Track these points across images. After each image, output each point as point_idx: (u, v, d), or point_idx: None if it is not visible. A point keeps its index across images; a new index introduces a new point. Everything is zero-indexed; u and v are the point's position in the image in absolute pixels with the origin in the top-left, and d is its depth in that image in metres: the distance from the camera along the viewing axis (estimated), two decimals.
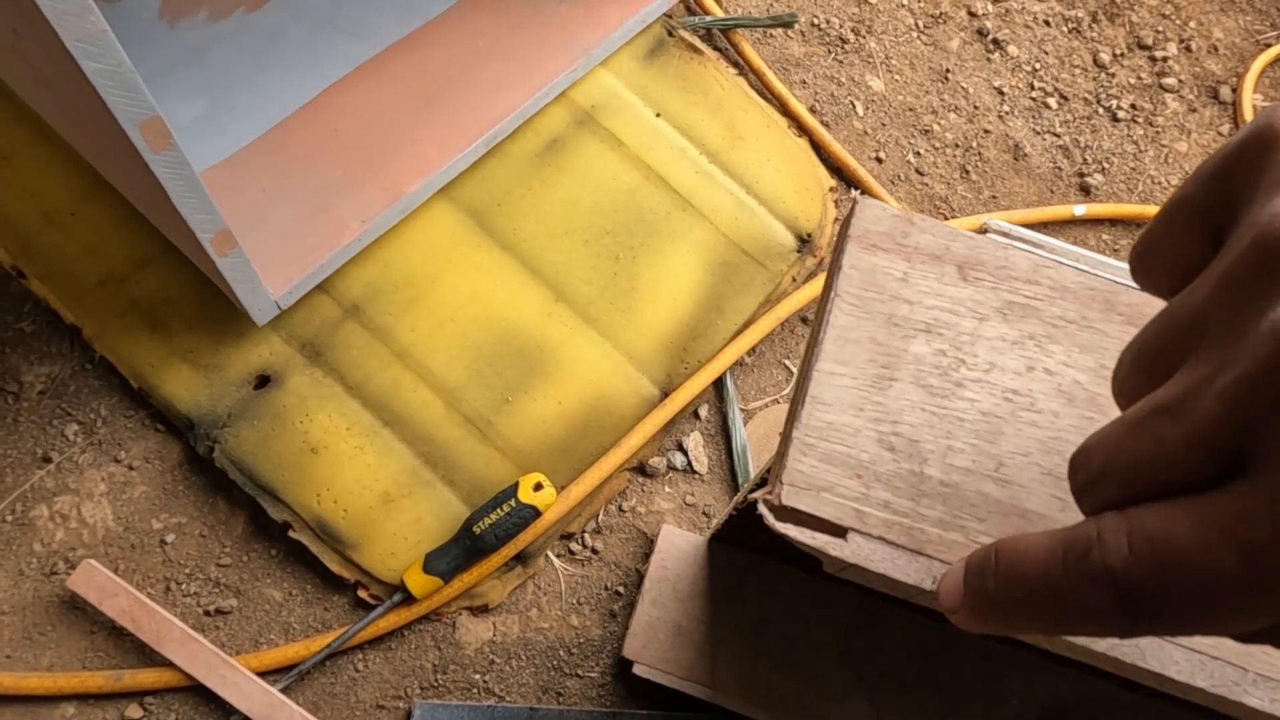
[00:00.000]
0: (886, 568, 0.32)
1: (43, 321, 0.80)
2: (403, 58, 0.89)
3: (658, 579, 0.72)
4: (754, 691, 0.69)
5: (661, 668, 0.69)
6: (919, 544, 0.33)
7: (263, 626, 0.74)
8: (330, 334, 0.80)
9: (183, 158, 0.57)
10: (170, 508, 0.76)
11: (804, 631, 0.70)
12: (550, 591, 0.77)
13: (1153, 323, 0.25)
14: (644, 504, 0.81)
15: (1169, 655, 0.32)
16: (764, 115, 0.96)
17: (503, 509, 0.73)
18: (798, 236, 0.90)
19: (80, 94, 0.52)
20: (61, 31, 0.46)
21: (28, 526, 0.74)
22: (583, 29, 0.91)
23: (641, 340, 0.83)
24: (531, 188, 0.88)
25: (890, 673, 0.69)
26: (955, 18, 1.09)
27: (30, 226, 0.80)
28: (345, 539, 0.74)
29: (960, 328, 0.38)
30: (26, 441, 0.76)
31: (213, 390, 0.77)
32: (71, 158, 0.82)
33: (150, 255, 0.81)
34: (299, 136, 0.83)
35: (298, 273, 0.76)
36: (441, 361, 0.80)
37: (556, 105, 0.91)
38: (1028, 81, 1.06)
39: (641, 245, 0.87)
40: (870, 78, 1.04)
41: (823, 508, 0.33)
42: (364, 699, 0.72)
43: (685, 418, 0.85)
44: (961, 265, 0.39)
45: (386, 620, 0.73)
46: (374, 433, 0.77)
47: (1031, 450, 0.35)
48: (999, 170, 1.00)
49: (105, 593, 0.70)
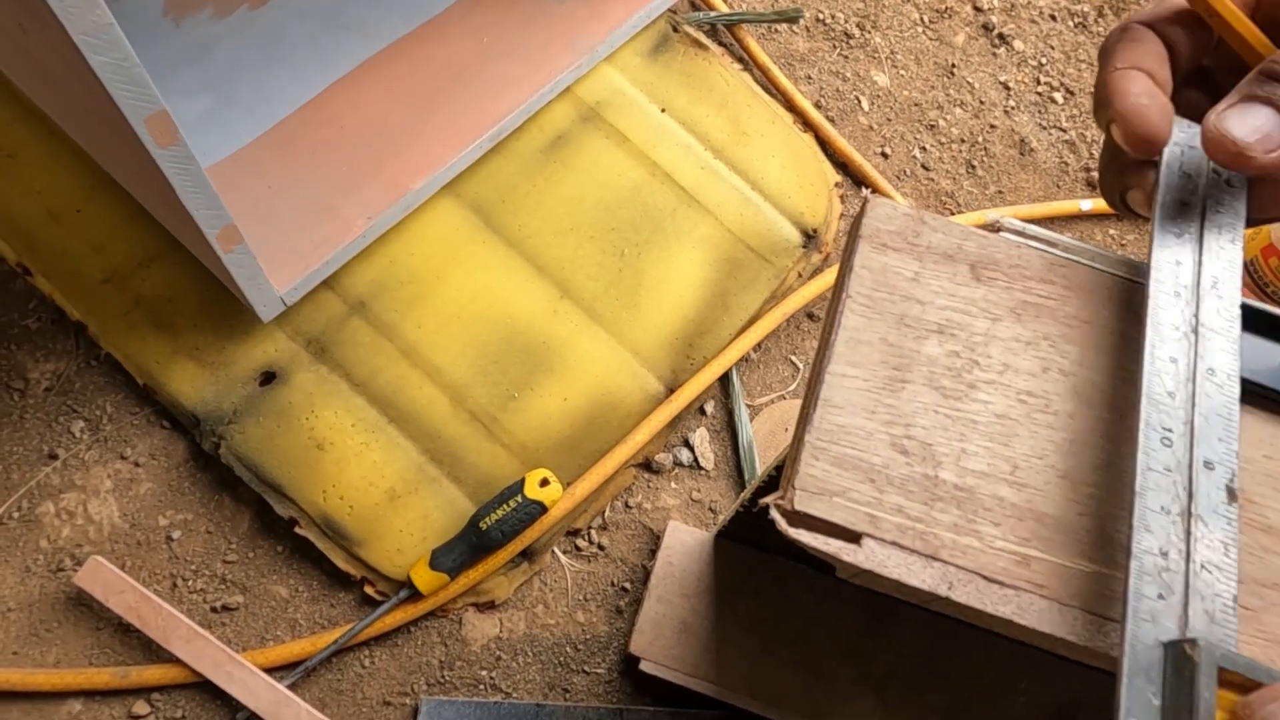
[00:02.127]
0: (901, 574, 0.32)
1: (48, 318, 0.80)
2: (407, 54, 0.88)
3: (664, 575, 0.72)
4: (760, 688, 0.69)
5: (668, 664, 0.70)
6: (933, 549, 0.33)
7: (269, 623, 0.74)
8: (336, 330, 0.80)
9: (189, 153, 0.56)
10: (176, 504, 0.76)
11: (811, 628, 0.70)
12: (556, 588, 0.77)
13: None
14: (650, 500, 0.81)
15: None
16: (769, 111, 0.95)
17: (509, 505, 0.72)
18: (803, 232, 0.90)
19: (86, 89, 0.52)
20: (68, 25, 0.46)
21: (34, 523, 0.74)
22: (587, 25, 0.91)
23: (647, 336, 0.83)
24: (536, 184, 0.87)
25: (899, 671, 0.69)
26: (960, 12, 1.08)
27: (35, 223, 0.80)
28: (351, 535, 0.74)
29: (973, 328, 0.37)
30: (32, 438, 0.76)
31: (218, 387, 0.77)
32: (77, 154, 0.82)
33: (156, 252, 0.81)
34: (304, 133, 0.83)
35: (303, 269, 0.76)
36: (447, 358, 0.80)
37: (561, 101, 0.91)
38: (1033, 76, 1.06)
39: (647, 241, 0.87)
40: (875, 73, 1.03)
41: (835, 513, 0.33)
42: (370, 695, 0.72)
43: (691, 414, 0.84)
44: (974, 265, 0.39)
45: (393, 617, 0.73)
46: (380, 429, 0.77)
47: (1047, 453, 0.35)
48: (1005, 165, 1.00)
49: (111, 589, 0.70)
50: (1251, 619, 0.33)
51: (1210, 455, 0.32)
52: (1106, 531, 0.34)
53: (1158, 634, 0.29)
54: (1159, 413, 0.32)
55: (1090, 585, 0.33)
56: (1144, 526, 0.31)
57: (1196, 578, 0.30)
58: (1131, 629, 0.29)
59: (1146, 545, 0.30)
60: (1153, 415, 0.32)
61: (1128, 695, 0.28)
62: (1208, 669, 0.27)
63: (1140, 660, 0.28)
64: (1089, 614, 0.33)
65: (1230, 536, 0.31)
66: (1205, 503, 0.31)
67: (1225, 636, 0.29)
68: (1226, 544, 0.31)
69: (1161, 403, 0.33)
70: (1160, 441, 0.32)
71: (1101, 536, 0.34)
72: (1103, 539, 0.34)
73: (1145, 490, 0.31)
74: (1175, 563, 0.30)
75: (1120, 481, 0.35)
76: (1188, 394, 0.33)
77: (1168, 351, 0.33)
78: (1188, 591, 0.30)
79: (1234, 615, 0.30)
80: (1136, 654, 0.29)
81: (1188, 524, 0.31)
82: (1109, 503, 0.35)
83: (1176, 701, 0.27)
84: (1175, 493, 0.31)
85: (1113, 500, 0.35)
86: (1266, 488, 0.35)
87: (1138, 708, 0.28)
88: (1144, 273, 0.38)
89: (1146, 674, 0.28)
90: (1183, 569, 0.30)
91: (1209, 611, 0.29)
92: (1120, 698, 0.28)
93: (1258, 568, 0.34)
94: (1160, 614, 0.29)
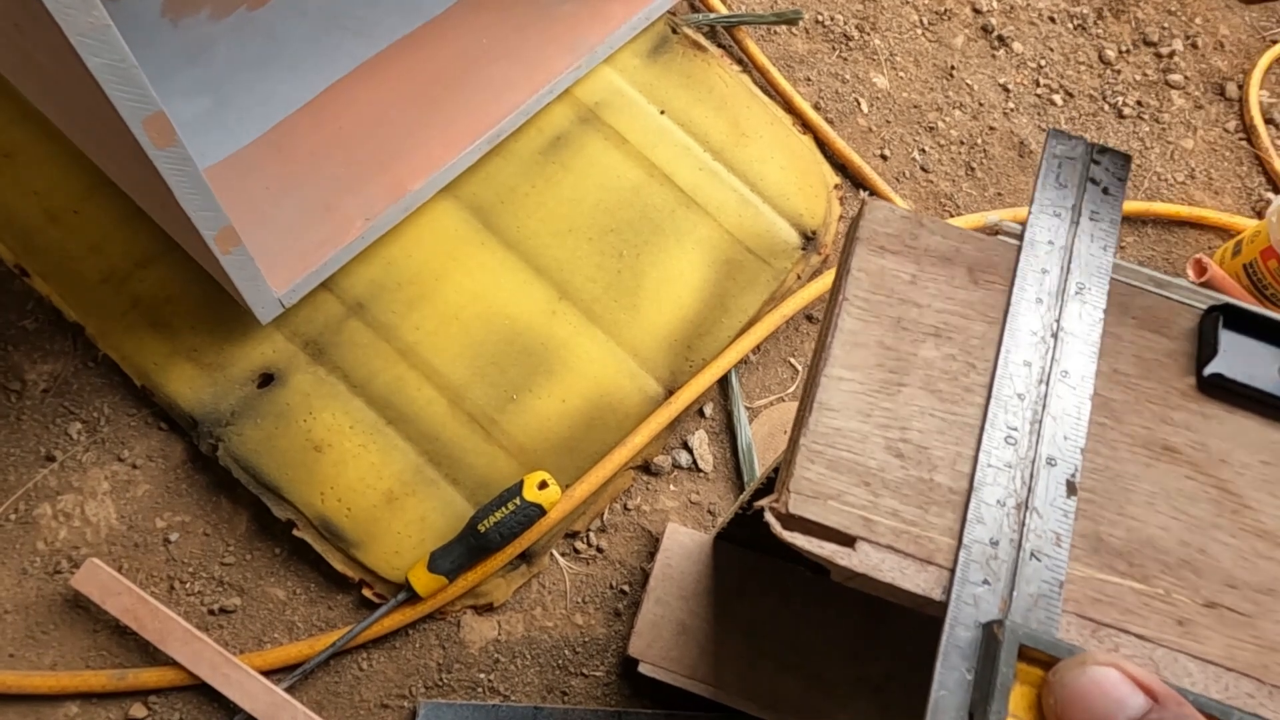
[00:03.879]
0: (895, 577, 0.32)
1: (45, 319, 0.80)
2: (406, 55, 0.88)
3: (663, 577, 0.72)
4: (759, 691, 0.69)
5: (666, 666, 0.69)
6: (928, 553, 0.33)
7: (266, 625, 0.74)
8: (334, 332, 0.80)
9: (186, 154, 0.56)
10: (174, 506, 0.76)
11: (809, 631, 0.70)
12: (555, 590, 0.77)
13: None
14: (649, 502, 0.81)
15: (1183, 667, 0.31)
16: (768, 112, 0.95)
17: (507, 507, 0.72)
18: (802, 234, 0.90)
19: (83, 90, 0.52)
20: (65, 26, 0.46)
21: (31, 525, 0.74)
22: (586, 26, 0.91)
23: (646, 338, 0.83)
24: (535, 185, 0.87)
25: (896, 674, 0.69)
26: (960, 14, 1.08)
27: (33, 224, 0.80)
28: (349, 538, 0.74)
29: (970, 331, 0.37)
30: (29, 440, 0.76)
31: (216, 388, 0.77)
32: (74, 155, 0.82)
33: (153, 253, 0.81)
34: (302, 134, 0.83)
35: (301, 270, 0.76)
36: (445, 359, 0.80)
37: (560, 103, 0.91)
38: (1033, 78, 1.06)
39: (646, 243, 0.87)
40: (875, 74, 1.03)
41: (830, 516, 0.33)
42: (368, 698, 0.72)
43: (690, 416, 0.84)
44: (972, 268, 0.39)
45: (391, 619, 0.73)
46: (378, 431, 0.77)
47: None
48: (1004, 167, 1.00)
49: (108, 591, 0.70)
50: (1246, 624, 0.33)
51: (1054, 453, 0.34)
52: (1102, 538, 0.34)
53: (978, 616, 0.31)
54: (1005, 413, 0.35)
55: (1082, 592, 0.33)
56: (977, 519, 0.33)
57: (1025, 565, 0.32)
58: (953, 612, 0.31)
59: (977, 535, 0.32)
60: (998, 415, 0.35)
61: (942, 670, 0.30)
62: (1009, 646, 0.29)
63: (958, 640, 0.31)
64: (1081, 618, 0.32)
65: (1065, 528, 0.33)
66: (1043, 496, 0.33)
67: (1047, 619, 0.31)
68: (1060, 534, 0.33)
69: (1009, 403, 0.35)
70: (1004, 440, 0.34)
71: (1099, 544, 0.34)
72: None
73: (982, 485, 0.33)
74: (1005, 551, 0.32)
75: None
76: (1039, 395, 0.35)
77: (1022, 355, 0.36)
78: (1014, 578, 0.32)
79: (1059, 600, 0.32)
80: (955, 634, 0.31)
81: (1022, 516, 0.33)
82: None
83: (983, 677, 0.30)
84: (1013, 488, 0.33)
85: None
86: (1263, 493, 0.35)
87: (950, 681, 0.30)
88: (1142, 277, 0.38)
89: (962, 652, 0.30)
90: (1012, 557, 0.32)
91: (1032, 595, 0.31)
92: (936, 672, 0.30)
93: (1252, 573, 0.34)
94: (983, 598, 0.31)
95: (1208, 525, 0.35)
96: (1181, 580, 0.34)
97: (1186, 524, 0.35)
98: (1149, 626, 0.33)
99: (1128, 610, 0.33)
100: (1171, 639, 0.32)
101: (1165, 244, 0.99)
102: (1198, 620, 0.33)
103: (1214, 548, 0.34)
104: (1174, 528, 0.34)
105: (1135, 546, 0.34)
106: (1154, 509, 0.35)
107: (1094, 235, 0.38)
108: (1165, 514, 0.35)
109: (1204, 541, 0.34)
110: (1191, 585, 0.34)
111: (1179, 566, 0.34)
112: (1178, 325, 0.39)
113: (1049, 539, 0.32)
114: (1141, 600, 0.33)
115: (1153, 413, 0.37)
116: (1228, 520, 0.35)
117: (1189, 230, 1.00)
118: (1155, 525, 0.34)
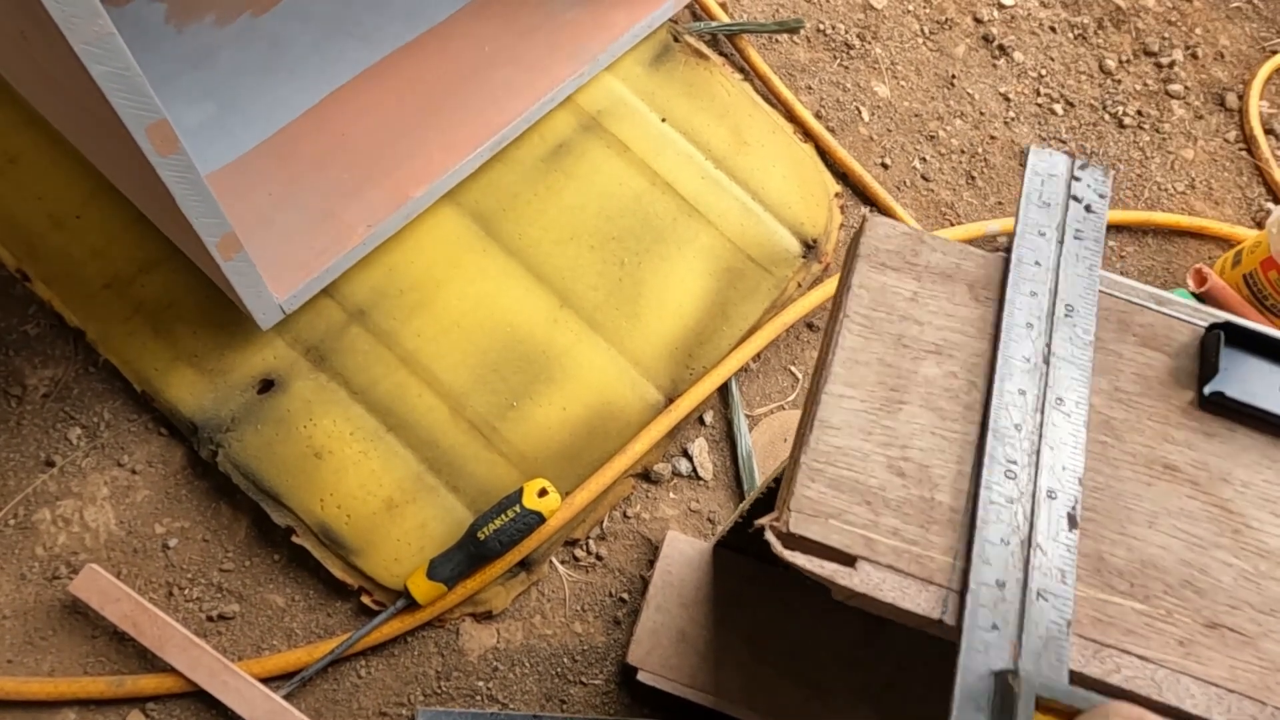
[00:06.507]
0: (896, 597, 0.32)
1: (47, 324, 0.80)
2: (409, 62, 0.88)
3: (662, 585, 0.72)
4: (758, 699, 0.69)
5: (665, 675, 0.69)
6: (929, 573, 0.33)
7: (265, 632, 0.74)
8: (335, 338, 0.80)
9: (189, 161, 0.56)
10: (173, 512, 0.76)
11: (810, 639, 0.70)
12: (554, 598, 0.77)
13: None
14: (649, 510, 0.81)
15: (1185, 689, 0.31)
16: (770, 121, 0.95)
17: (507, 515, 0.72)
18: (803, 242, 0.90)
19: (87, 97, 0.52)
20: (69, 34, 0.46)
21: (30, 530, 0.74)
22: (589, 34, 0.91)
23: (647, 346, 0.83)
24: (537, 193, 0.87)
25: (897, 682, 0.69)
26: (961, 24, 1.08)
27: (36, 229, 0.80)
28: (349, 545, 0.74)
29: (971, 349, 0.37)
30: (29, 445, 0.76)
31: (217, 394, 0.77)
32: (78, 161, 0.82)
33: (155, 259, 0.81)
34: (305, 141, 0.83)
35: (303, 277, 0.76)
36: (446, 366, 0.80)
37: (562, 110, 0.91)
38: (1033, 88, 1.06)
39: (647, 251, 0.87)
40: (876, 84, 1.03)
41: (831, 535, 0.33)
42: (367, 706, 0.72)
43: (690, 424, 0.84)
44: (972, 285, 0.39)
45: (390, 626, 0.73)
46: (378, 438, 0.77)
47: None
48: (1005, 176, 1.00)
49: (107, 597, 0.70)
50: (1248, 645, 0.33)
51: (1054, 484, 0.33)
52: (1104, 558, 0.34)
53: (989, 663, 0.31)
54: (1004, 446, 0.34)
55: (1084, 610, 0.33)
56: (982, 559, 0.32)
57: (1032, 606, 0.31)
58: (964, 660, 0.31)
59: (984, 578, 0.32)
60: (997, 449, 0.34)
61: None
62: (1026, 699, 0.29)
63: (970, 689, 0.30)
64: (1083, 639, 0.32)
65: (1069, 563, 0.32)
66: (1045, 531, 0.33)
67: (1058, 662, 0.31)
68: (1064, 570, 0.32)
69: (1007, 436, 0.34)
70: (1004, 475, 0.34)
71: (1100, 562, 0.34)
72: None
73: (985, 524, 0.33)
74: (1011, 593, 0.32)
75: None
76: (1035, 425, 0.34)
77: (1016, 384, 0.35)
78: (1022, 621, 0.31)
79: (1068, 642, 0.31)
80: (967, 683, 0.30)
81: (1026, 553, 0.32)
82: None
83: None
84: (1015, 523, 0.33)
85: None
86: (1265, 512, 0.35)
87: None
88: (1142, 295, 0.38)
89: (976, 702, 0.30)
90: (1018, 599, 0.32)
91: (1041, 638, 0.31)
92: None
93: (1254, 593, 0.34)
94: (993, 645, 0.31)
95: (1209, 545, 0.35)
96: (1183, 600, 0.34)
97: (1188, 543, 0.35)
98: (1151, 647, 0.33)
99: (1129, 630, 0.33)
100: (1174, 660, 0.32)
101: (1166, 254, 0.99)
102: (1200, 641, 0.33)
103: (1216, 567, 0.34)
104: (1175, 547, 0.35)
105: (1137, 566, 0.34)
106: (1155, 528, 0.35)
107: (1079, 255, 0.38)
108: (1166, 533, 0.35)
109: (1206, 561, 0.34)
110: (1193, 605, 0.34)
111: (1181, 586, 0.34)
112: (1178, 342, 0.39)
113: (1054, 576, 0.32)
114: (1143, 620, 0.33)
115: (1154, 431, 0.37)
116: (1229, 540, 0.35)
117: (1189, 240, 1.00)
118: (1156, 545, 0.34)
